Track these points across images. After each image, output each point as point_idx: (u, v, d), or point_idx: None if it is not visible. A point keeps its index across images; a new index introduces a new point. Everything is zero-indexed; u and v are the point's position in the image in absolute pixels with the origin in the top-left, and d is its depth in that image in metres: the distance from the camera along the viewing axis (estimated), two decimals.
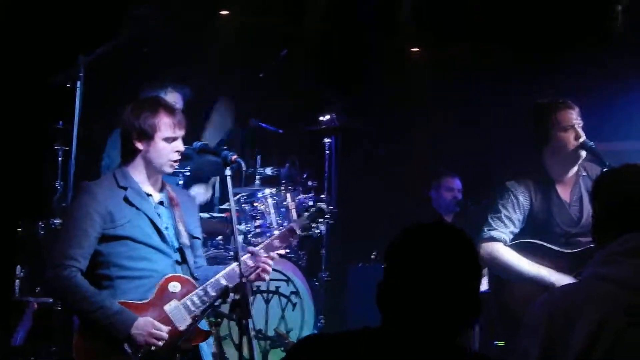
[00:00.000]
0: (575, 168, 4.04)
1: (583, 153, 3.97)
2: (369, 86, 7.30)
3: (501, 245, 3.89)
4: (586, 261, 3.79)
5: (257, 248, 3.54)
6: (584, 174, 4.06)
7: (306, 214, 3.83)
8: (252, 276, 3.46)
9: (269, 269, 3.49)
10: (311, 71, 7.02)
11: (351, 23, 7.26)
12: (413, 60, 7.90)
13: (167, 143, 3.39)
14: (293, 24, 7.16)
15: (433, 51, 7.65)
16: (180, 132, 3.43)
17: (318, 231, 3.97)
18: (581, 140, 3.93)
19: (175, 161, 3.43)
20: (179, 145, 3.43)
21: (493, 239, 3.89)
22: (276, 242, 3.62)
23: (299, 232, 3.74)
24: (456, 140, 7.12)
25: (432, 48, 7.64)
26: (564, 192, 4.03)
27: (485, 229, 3.94)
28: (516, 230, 3.95)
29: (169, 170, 3.44)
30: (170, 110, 3.45)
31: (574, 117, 3.98)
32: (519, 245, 3.92)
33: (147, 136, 3.37)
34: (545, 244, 3.89)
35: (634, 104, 5.88)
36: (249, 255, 3.47)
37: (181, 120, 3.44)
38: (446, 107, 7.41)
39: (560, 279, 3.75)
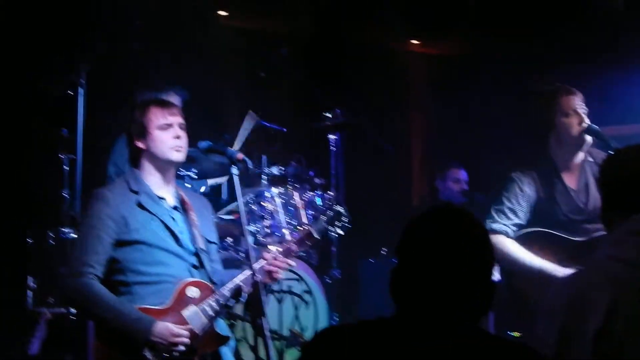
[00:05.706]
0: (581, 154, 4.02)
1: (588, 138, 3.94)
2: (369, 81, 7.28)
3: (502, 237, 3.86)
4: (592, 251, 3.83)
5: (273, 252, 3.48)
6: (590, 159, 4.04)
7: (323, 217, 3.78)
8: (265, 278, 3.41)
9: (282, 272, 3.46)
10: (311, 69, 7.01)
11: (346, 20, 7.24)
12: (412, 54, 7.89)
13: (163, 131, 3.39)
14: (291, 23, 7.15)
15: (431, 43, 7.64)
16: (173, 119, 3.42)
17: (336, 235, 3.94)
18: (584, 125, 3.91)
19: (177, 147, 3.41)
20: (177, 131, 3.42)
21: (493, 231, 3.85)
22: (293, 247, 3.58)
23: (316, 235, 3.68)
24: (458, 131, 7.11)
25: (430, 40, 7.63)
26: (569, 179, 4.01)
27: (487, 222, 3.91)
28: (521, 222, 3.92)
29: (175, 156, 3.41)
30: (159, 102, 3.51)
31: (577, 102, 3.96)
32: (527, 235, 3.89)
33: (144, 131, 3.40)
34: (553, 232, 3.86)
35: None
36: (265, 262, 3.43)
37: (172, 108, 3.46)
38: (447, 98, 7.40)
39: (565, 272, 3.71)
